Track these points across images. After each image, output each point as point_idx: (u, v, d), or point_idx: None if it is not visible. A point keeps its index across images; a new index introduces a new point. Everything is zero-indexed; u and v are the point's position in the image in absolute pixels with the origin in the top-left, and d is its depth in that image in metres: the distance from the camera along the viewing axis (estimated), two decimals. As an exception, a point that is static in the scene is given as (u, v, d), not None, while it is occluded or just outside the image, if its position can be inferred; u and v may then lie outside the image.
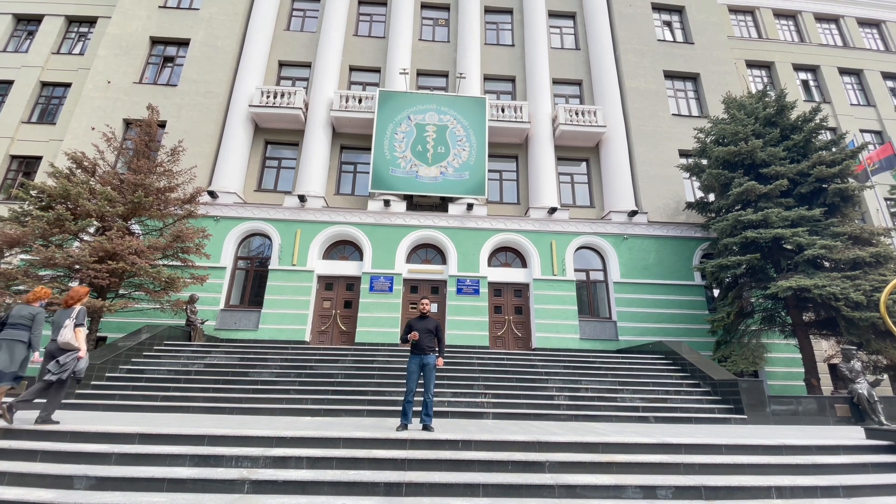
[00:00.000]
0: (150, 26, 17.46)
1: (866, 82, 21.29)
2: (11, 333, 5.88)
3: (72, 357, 5.72)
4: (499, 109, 16.91)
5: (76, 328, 5.86)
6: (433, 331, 6.54)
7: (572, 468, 5.04)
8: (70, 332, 5.81)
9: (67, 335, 5.78)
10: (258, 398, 8.75)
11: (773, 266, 12.85)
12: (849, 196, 12.50)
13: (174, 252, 12.03)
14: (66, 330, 5.80)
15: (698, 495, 4.64)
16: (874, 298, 10.55)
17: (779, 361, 13.93)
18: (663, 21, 20.04)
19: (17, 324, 5.93)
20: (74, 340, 5.80)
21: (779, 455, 5.56)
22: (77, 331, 5.85)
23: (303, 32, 18.50)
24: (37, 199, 11.09)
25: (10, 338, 5.84)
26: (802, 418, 9.33)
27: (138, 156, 12.49)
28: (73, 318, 5.88)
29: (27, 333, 5.93)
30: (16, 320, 5.95)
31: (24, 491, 4.21)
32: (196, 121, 15.98)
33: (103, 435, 5.23)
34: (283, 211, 14.93)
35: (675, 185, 16.47)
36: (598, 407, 9.07)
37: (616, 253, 15.33)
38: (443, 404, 8.74)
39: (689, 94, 18.66)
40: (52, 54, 18.41)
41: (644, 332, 14.38)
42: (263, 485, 4.43)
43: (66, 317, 5.91)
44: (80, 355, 5.79)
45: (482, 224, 15.38)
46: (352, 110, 16.31)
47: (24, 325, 5.95)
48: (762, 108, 13.83)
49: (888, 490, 4.94)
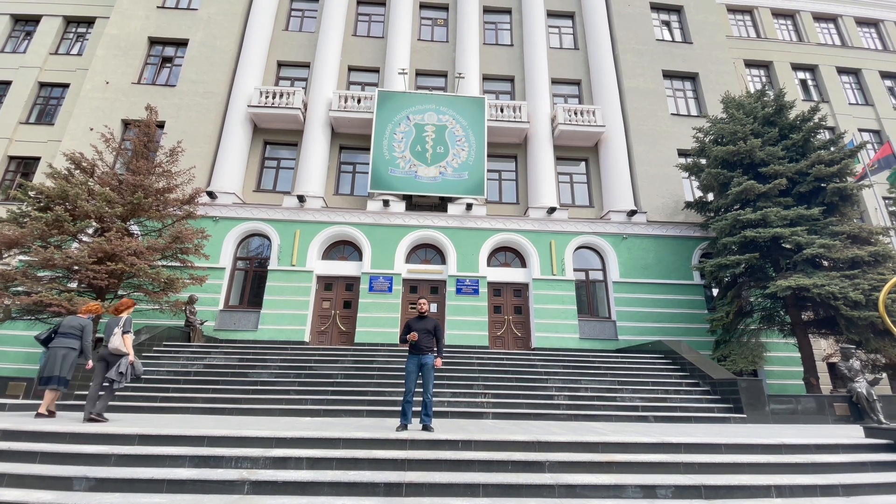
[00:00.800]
0: (148, 26, 17.44)
1: (864, 81, 21.33)
2: (63, 342, 6.74)
3: (125, 364, 6.43)
4: (498, 109, 16.91)
5: (124, 335, 6.53)
6: (432, 331, 6.54)
7: (572, 468, 5.04)
8: (119, 338, 6.49)
9: (116, 342, 6.47)
10: (258, 399, 8.74)
11: (772, 265, 12.86)
12: (847, 195, 12.53)
13: (173, 253, 12.01)
14: (115, 337, 6.48)
15: (698, 494, 4.64)
16: (873, 297, 10.57)
17: (778, 360, 13.95)
18: (662, 21, 20.06)
19: (68, 333, 6.82)
20: (123, 346, 6.49)
21: (778, 454, 5.57)
22: (125, 337, 6.54)
23: (301, 32, 18.48)
24: (35, 200, 11.06)
25: (62, 345, 6.70)
26: (801, 417, 9.34)
27: (137, 156, 12.47)
28: (121, 326, 6.57)
29: (77, 342, 6.83)
30: (66, 330, 6.83)
31: (23, 492, 4.20)
32: (195, 121, 15.96)
33: (102, 436, 5.22)
34: (282, 211, 14.92)
35: (674, 184, 16.48)
36: (598, 406, 9.07)
37: (615, 252, 15.34)
38: (442, 404, 8.73)
39: (688, 94, 18.68)
40: (50, 55, 18.38)
41: (643, 331, 14.40)
42: (263, 485, 4.42)
43: (115, 325, 6.60)
44: (130, 359, 6.50)
45: (481, 224, 15.38)
46: (351, 110, 16.30)
47: (75, 334, 6.85)
48: (761, 107, 13.85)
49: (888, 489, 4.95)
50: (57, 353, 6.69)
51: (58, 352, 6.71)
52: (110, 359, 6.49)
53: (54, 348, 6.76)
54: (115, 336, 6.50)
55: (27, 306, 10.04)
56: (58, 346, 6.74)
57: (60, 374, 6.65)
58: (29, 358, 12.71)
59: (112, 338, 6.49)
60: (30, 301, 9.80)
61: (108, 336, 6.52)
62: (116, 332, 6.53)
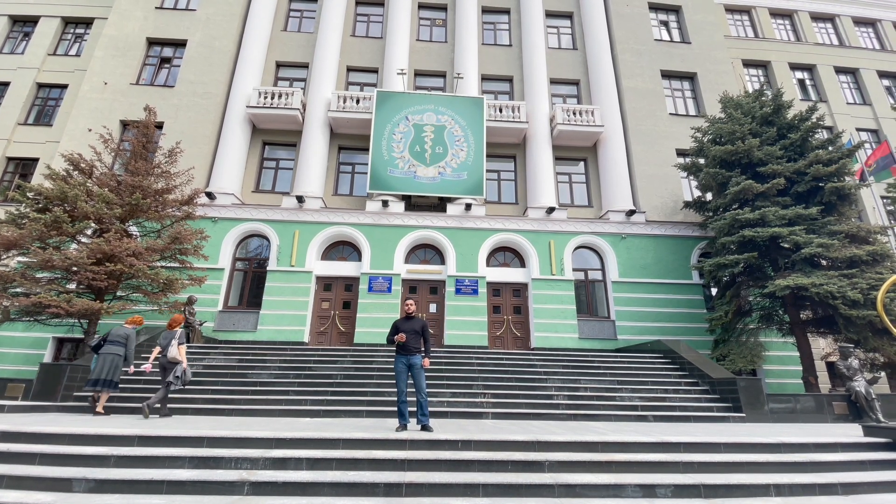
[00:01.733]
0: (146, 27, 17.42)
1: (862, 81, 21.38)
2: (111, 349, 7.78)
3: (180, 370, 7.57)
4: (496, 109, 16.92)
5: (179, 346, 7.68)
6: (419, 331, 6.55)
7: (572, 467, 5.04)
8: (175, 350, 7.63)
9: (173, 352, 7.61)
10: (257, 399, 8.73)
11: (770, 265, 12.89)
12: (845, 194, 12.56)
13: (172, 253, 12.01)
14: (172, 348, 7.63)
15: (697, 493, 4.65)
16: (871, 296, 10.60)
17: (777, 360, 13.98)
18: (660, 21, 20.08)
19: (115, 341, 7.87)
20: (178, 355, 7.61)
21: (777, 453, 5.58)
22: (180, 348, 7.68)
23: (300, 33, 18.48)
24: (34, 201, 11.05)
25: (111, 352, 7.74)
26: (800, 416, 9.36)
27: (136, 157, 12.46)
28: (177, 339, 7.72)
29: (123, 349, 7.85)
30: (114, 339, 7.89)
31: (22, 494, 4.20)
32: (193, 122, 15.95)
33: (102, 437, 5.22)
34: (281, 212, 14.91)
35: (672, 184, 16.50)
36: (597, 406, 9.08)
37: (614, 252, 15.36)
38: (442, 404, 8.74)
39: (687, 94, 18.70)
40: (48, 55, 18.36)
41: (642, 331, 14.41)
42: (263, 486, 4.42)
43: (171, 337, 7.72)
44: (184, 367, 7.63)
45: (480, 224, 15.39)
46: (349, 111, 16.30)
47: (121, 342, 7.90)
48: (759, 107, 13.87)
49: (886, 487, 4.96)
50: (106, 359, 7.69)
51: (106, 357, 7.71)
52: (168, 366, 7.61)
53: (104, 354, 7.77)
54: (171, 347, 7.63)
55: (26, 308, 10.03)
56: (106, 353, 7.75)
57: (108, 377, 7.63)
58: (28, 359, 12.70)
59: (170, 349, 7.62)
60: (28, 302, 9.79)
61: (166, 347, 7.66)
62: (173, 343, 7.66)
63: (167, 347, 7.66)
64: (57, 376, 8.74)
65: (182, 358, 7.62)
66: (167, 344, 7.69)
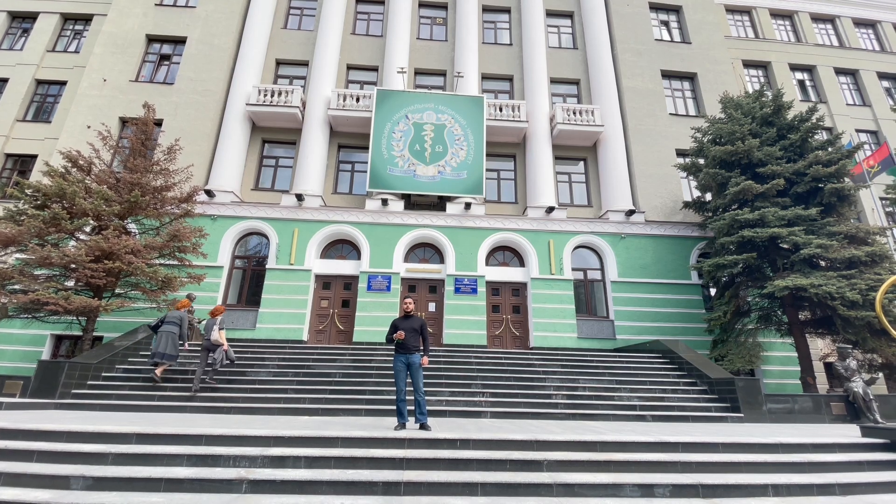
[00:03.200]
0: (146, 24, 17.36)
1: (862, 82, 21.39)
2: (169, 328, 9.09)
3: (220, 351, 8.93)
4: (496, 108, 16.90)
5: (220, 331, 8.96)
6: (418, 330, 6.56)
7: (570, 467, 5.05)
8: (216, 333, 8.92)
9: (215, 335, 8.91)
10: (256, 398, 8.73)
11: (769, 265, 12.90)
12: (845, 195, 12.57)
13: (171, 251, 11.97)
14: (214, 332, 8.92)
15: (696, 493, 4.65)
16: (870, 297, 10.61)
17: (775, 360, 14.00)
18: (661, 20, 20.07)
19: (172, 322, 9.18)
20: (220, 339, 8.91)
21: (775, 453, 5.59)
22: (220, 333, 8.97)
23: (300, 31, 18.43)
24: (32, 198, 11.01)
25: (168, 331, 9.07)
26: (798, 416, 9.38)
27: (135, 154, 12.41)
28: (218, 325, 8.99)
29: (178, 328, 9.18)
30: (170, 320, 9.22)
31: (20, 491, 4.19)
32: (193, 119, 15.91)
33: (100, 435, 5.21)
34: (280, 210, 14.89)
35: (672, 184, 16.51)
36: (596, 406, 9.09)
37: (613, 252, 15.37)
38: (440, 403, 8.74)
39: (687, 94, 18.70)
40: (47, 52, 18.30)
41: (641, 330, 14.42)
42: (262, 484, 4.42)
43: (213, 324, 9.01)
44: (224, 348, 8.96)
45: (480, 223, 15.39)
46: (349, 109, 16.27)
47: (176, 322, 9.22)
48: (759, 107, 13.87)
49: (884, 488, 4.97)
50: (163, 336, 9.00)
51: (163, 335, 9.02)
52: (211, 347, 8.93)
53: (162, 332, 9.06)
54: (214, 331, 8.90)
55: (24, 305, 10.00)
56: (164, 331, 9.05)
57: (166, 351, 8.96)
58: (26, 356, 12.67)
59: (213, 333, 8.89)
60: (27, 299, 9.77)
61: (209, 332, 8.92)
62: (215, 328, 8.92)
63: (210, 332, 8.91)
64: (55, 373, 8.72)
65: (223, 341, 8.92)
66: (210, 329, 8.94)
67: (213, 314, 9.19)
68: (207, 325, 9.02)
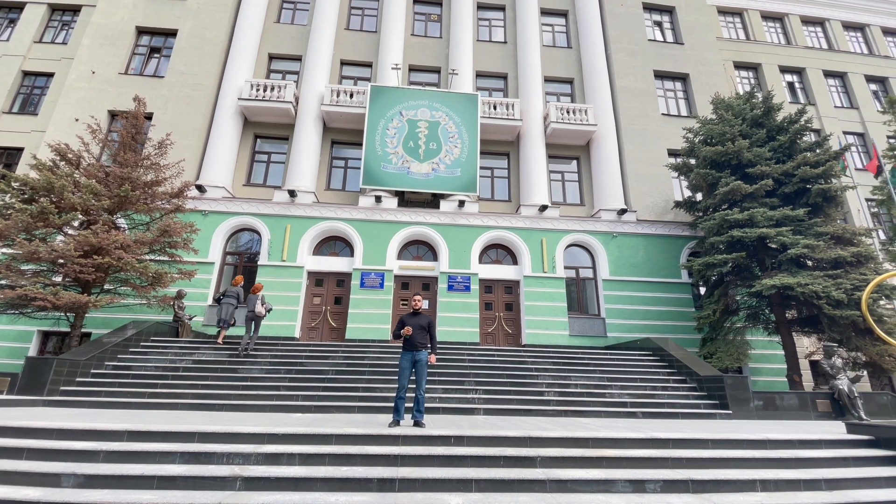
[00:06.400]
0: (136, 16, 17.09)
1: (850, 85, 21.71)
2: (228, 300, 11.22)
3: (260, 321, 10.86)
4: (491, 106, 16.91)
5: (263, 305, 10.68)
6: (426, 327, 6.55)
7: (563, 463, 5.10)
8: (259, 306, 10.61)
9: (259, 308, 10.60)
10: (248, 395, 8.70)
11: (757, 264, 13.09)
12: (831, 196, 12.79)
13: (161, 247, 11.85)
14: (258, 305, 10.58)
15: (686, 489, 4.73)
16: (855, 297, 10.82)
17: (762, 358, 14.22)
18: (654, 21, 20.20)
19: (231, 295, 11.30)
20: (263, 311, 10.68)
21: (763, 449, 5.70)
22: (263, 306, 10.70)
23: (293, 25, 18.27)
24: (19, 192, 10.82)
25: (228, 303, 11.18)
26: (785, 413, 9.56)
27: (124, 148, 12.25)
28: (260, 300, 10.67)
29: (236, 300, 11.31)
30: (230, 293, 11.31)
31: (9, 489, 4.13)
32: (184, 113, 15.71)
33: (91, 432, 5.15)
34: (272, 206, 14.79)
35: (663, 184, 16.66)
36: (588, 403, 9.19)
37: (605, 251, 15.49)
38: (434, 400, 8.76)
39: (679, 94, 18.86)
40: (34, 43, 17.91)
41: (632, 328, 14.57)
42: (255, 482, 4.41)
43: (256, 299, 10.65)
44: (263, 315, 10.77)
45: (473, 221, 15.41)
46: (343, 105, 16.18)
47: (234, 296, 11.31)
48: (749, 109, 14.05)
49: (868, 483, 5.09)
50: (223, 307, 11.15)
51: (224, 306, 11.15)
52: (254, 318, 10.59)
53: (224, 303, 11.17)
54: (257, 304, 10.57)
55: (11, 300, 9.84)
56: (225, 303, 11.17)
57: (227, 318, 11.08)
58: (12, 353, 12.48)
59: (256, 306, 10.55)
60: (14, 295, 9.61)
61: (253, 305, 10.58)
62: (258, 303, 10.59)
63: (255, 305, 10.54)
64: (44, 370, 8.60)
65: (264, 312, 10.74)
66: (254, 303, 10.56)
67: (255, 291, 10.81)
68: (250, 300, 10.65)
